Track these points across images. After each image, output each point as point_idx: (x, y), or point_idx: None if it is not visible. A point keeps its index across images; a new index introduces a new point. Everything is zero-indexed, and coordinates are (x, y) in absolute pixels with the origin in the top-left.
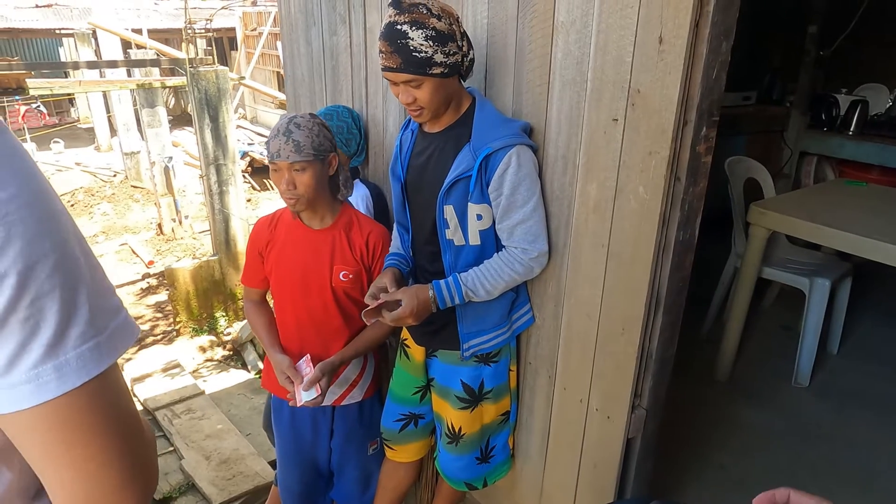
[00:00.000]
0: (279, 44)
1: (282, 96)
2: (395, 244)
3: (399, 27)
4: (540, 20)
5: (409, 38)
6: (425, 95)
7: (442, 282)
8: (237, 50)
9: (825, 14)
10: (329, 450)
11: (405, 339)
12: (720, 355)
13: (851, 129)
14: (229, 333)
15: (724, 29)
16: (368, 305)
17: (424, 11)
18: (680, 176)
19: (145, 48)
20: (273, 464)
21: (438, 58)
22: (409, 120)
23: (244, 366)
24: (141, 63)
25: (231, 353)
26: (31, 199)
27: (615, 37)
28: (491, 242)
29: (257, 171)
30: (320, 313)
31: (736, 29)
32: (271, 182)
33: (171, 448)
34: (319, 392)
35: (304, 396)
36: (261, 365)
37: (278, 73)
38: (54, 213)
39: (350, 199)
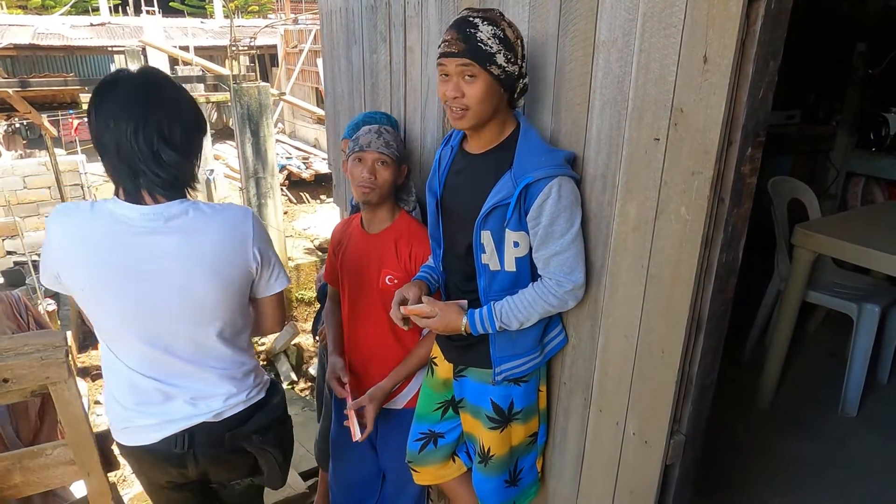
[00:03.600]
0: (319, 61)
1: (320, 112)
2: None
3: (471, 19)
4: (581, 38)
5: (479, 30)
6: (476, 93)
7: (476, 312)
8: (278, 66)
9: (875, 31)
10: (375, 448)
11: (434, 357)
12: (762, 381)
13: None
14: (263, 344)
15: (772, 49)
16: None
17: (498, 15)
18: (724, 197)
19: (191, 64)
20: (304, 475)
21: (500, 59)
22: (451, 136)
23: (278, 377)
24: (187, 79)
25: (265, 363)
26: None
27: (658, 55)
28: (526, 270)
29: (294, 185)
30: (370, 318)
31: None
32: (308, 195)
33: None
34: (366, 428)
35: (357, 430)
36: (293, 376)
37: (317, 89)
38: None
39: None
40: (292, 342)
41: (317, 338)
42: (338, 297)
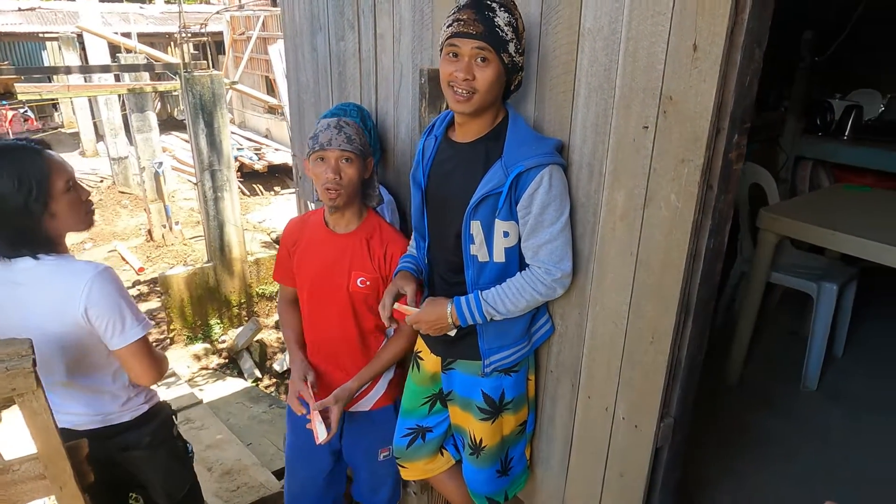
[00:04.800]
0: (272, 48)
1: (273, 101)
2: (411, 248)
3: (489, 2)
4: (565, 26)
5: (497, 14)
6: (486, 77)
7: (462, 299)
8: (224, 54)
9: (820, 21)
10: (339, 449)
11: (419, 352)
12: (730, 360)
13: (846, 134)
14: (224, 341)
15: (758, 37)
16: (382, 321)
17: (512, 3)
18: (712, 184)
19: (135, 52)
20: (278, 473)
21: (511, 48)
22: (434, 125)
23: (240, 374)
24: (135, 67)
25: (227, 361)
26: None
27: (646, 44)
28: (515, 260)
29: (247, 177)
30: (336, 320)
31: None
32: (261, 187)
33: None
34: (331, 429)
35: (320, 431)
36: (257, 373)
37: (267, 77)
38: None
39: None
40: (255, 339)
41: None
42: (291, 297)
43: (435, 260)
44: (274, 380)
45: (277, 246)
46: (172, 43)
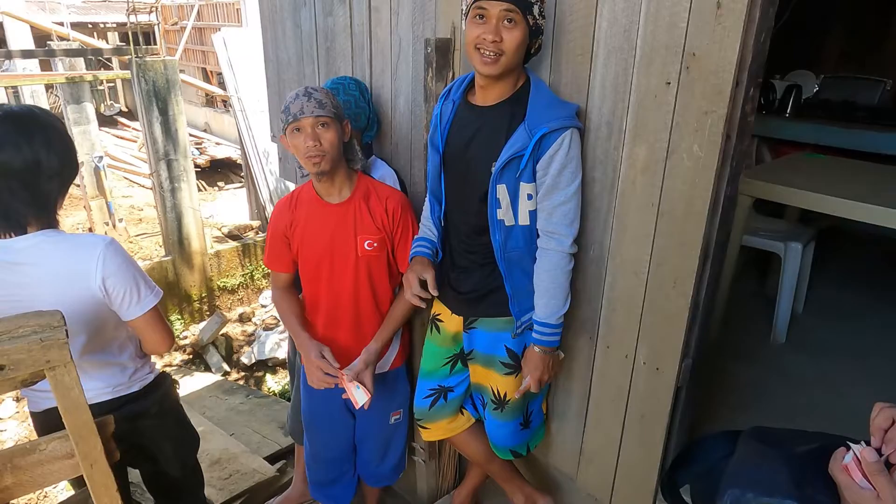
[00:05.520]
0: (214, 36)
1: (221, 91)
2: (425, 219)
3: None
4: None
5: None
6: (514, 39)
7: (536, 334)
8: (156, 45)
9: None
10: (353, 417)
11: (438, 314)
12: (711, 319)
13: (788, 112)
14: (186, 337)
15: None
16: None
17: None
18: (730, 134)
19: (68, 39)
20: (270, 459)
21: (535, 10)
22: (450, 90)
23: (208, 369)
24: (81, 52)
25: (191, 356)
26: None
27: (668, 3)
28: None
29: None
30: (351, 289)
31: None
32: (204, 182)
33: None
34: (368, 394)
35: (359, 396)
36: (226, 367)
37: (204, 69)
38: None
39: (377, 178)
40: (220, 332)
41: None
42: (285, 284)
43: (453, 223)
44: (243, 373)
45: (229, 240)
46: (96, 33)
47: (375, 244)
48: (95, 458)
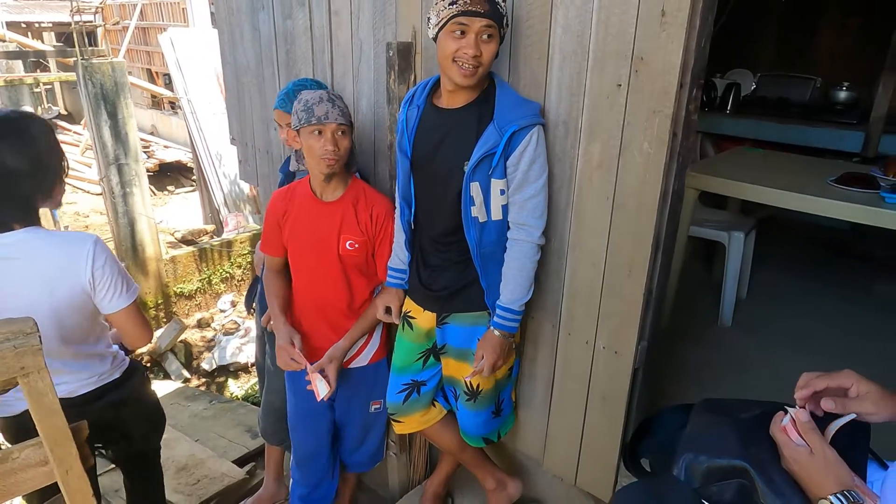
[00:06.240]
0: (161, 38)
1: (168, 93)
2: (397, 232)
3: None
4: None
5: None
6: (491, 51)
7: (496, 318)
8: (96, 45)
9: None
10: (334, 408)
11: (408, 311)
12: (661, 307)
13: (728, 109)
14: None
15: (711, 3)
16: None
17: None
18: (676, 132)
19: (4, 41)
20: (239, 462)
21: (505, 22)
22: (413, 95)
23: (167, 376)
24: (24, 54)
25: (149, 364)
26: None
27: (617, 11)
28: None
29: None
30: (329, 285)
31: None
32: (153, 187)
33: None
34: (329, 388)
35: (321, 388)
36: (186, 374)
37: (149, 70)
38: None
39: None
40: (179, 339)
41: (251, 311)
42: (278, 267)
43: (424, 225)
44: (204, 379)
45: (183, 245)
46: (31, 32)
47: (357, 245)
48: (71, 464)
